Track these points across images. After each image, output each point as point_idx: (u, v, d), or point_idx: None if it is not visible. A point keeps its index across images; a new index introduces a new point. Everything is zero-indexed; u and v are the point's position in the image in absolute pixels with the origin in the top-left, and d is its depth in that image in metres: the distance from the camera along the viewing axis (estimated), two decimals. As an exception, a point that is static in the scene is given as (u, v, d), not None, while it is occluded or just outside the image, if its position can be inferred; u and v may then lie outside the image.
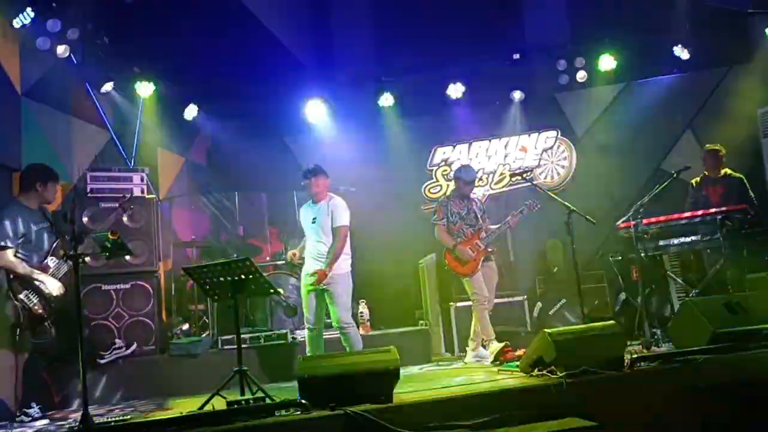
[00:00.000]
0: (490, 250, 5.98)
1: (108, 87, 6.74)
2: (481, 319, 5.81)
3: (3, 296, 4.65)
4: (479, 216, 6.07)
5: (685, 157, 6.69)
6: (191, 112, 7.90)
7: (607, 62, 7.91)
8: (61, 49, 6.04)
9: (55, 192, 5.04)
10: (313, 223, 5.46)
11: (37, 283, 4.68)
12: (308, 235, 5.53)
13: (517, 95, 8.36)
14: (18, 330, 4.62)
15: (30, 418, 4.55)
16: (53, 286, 4.73)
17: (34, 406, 4.62)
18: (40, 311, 4.68)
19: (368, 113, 8.35)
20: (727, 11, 7.39)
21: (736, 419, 3.91)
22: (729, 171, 6.34)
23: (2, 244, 4.61)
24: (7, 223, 4.66)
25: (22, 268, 4.65)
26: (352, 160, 7.72)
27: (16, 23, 5.59)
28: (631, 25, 7.71)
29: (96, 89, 6.75)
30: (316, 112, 8.27)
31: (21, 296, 4.63)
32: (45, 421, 4.56)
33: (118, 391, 5.56)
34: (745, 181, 6.28)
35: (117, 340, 5.42)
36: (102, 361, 5.39)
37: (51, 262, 4.81)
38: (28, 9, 5.57)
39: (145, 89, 7.10)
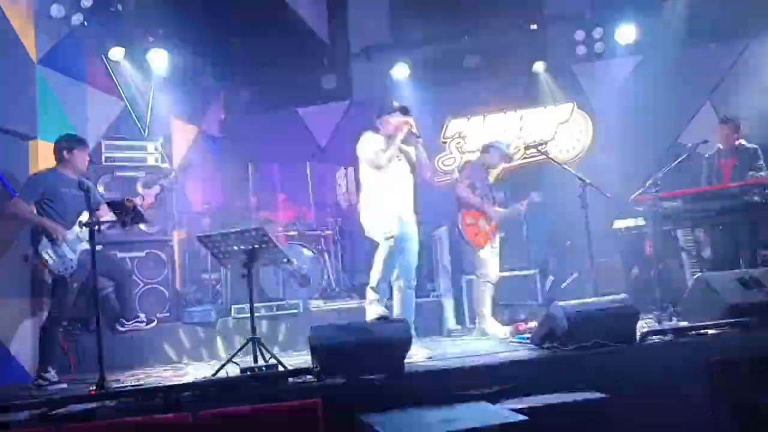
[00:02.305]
0: (500, 229, 5.95)
1: (117, 53, 6.71)
2: (480, 293, 5.83)
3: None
4: (490, 194, 6.06)
5: (704, 130, 6.58)
6: (205, 82, 7.89)
7: (625, 33, 7.76)
8: (75, 17, 6.03)
9: (84, 158, 5.07)
10: (399, 160, 4.98)
11: (43, 229, 4.72)
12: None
13: (539, 66, 8.20)
14: (37, 287, 4.73)
15: (47, 382, 4.64)
16: (54, 229, 4.75)
17: (51, 370, 4.71)
18: (60, 271, 4.74)
19: (382, 84, 8.28)
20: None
21: (747, 394, 3.90)
22: (743, 142, 6.22)
23: (17, 194, 4.78)
24: (32, 182, 4.86)
25: (31, 214, 4.74)
26: (365, 131, 7.67)
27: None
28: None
29: (110, 58, 6.74)
30: (329, 83, 8.22)
31: (42, 253, 4.70)
32: (62, 385, 4.65)
33: (134, 357, 5.66)
34: (759, 151, 6.15)
35: (139, 314, 5.51)
36: (121, 329, 5.48)
37: (78, 225, 4.85)
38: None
39: (158, 58, 7.09)
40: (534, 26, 8.04)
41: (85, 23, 6.19)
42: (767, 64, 7.49)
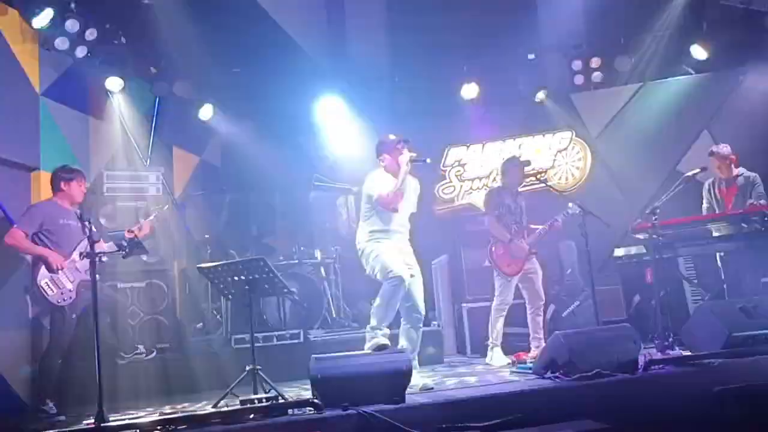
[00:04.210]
0: (534, 251, 5.87)
1: (119, 84, 6.73)
2: (493, 321, 5.78)
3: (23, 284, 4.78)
4: (524, 213, 5.99)
5: (702, 158, 6.62)
6: (206, 112, 7.95)
7: (623, 63, 7.85)
8: (80, 50, 6.12)
9: (81, 189, 5.10)
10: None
11: (42, 259, 4.73)
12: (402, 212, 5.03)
13: (541, 95, 8.25)
14: (36, 318, 4.72)
15: (46, 415, 4.60)
16: (54, 259, 4.75)
17: (50, 402, 4.67)
18: (59, 302, 4.73)
19: (382, 113, 8.34)
20: (744, 10, 7.31)
21: (750, 425, 3.87)
22: (743, 170, 6.23)
23: (15, 225, 4.81)
24: (31, 212, 4.89)
25: (29, 245, 4.76)
26: (365, 160, 7.71)
27: (36, 24, 5.66)
28: (647, 25, 7.66)
29: (112, 89, 6.81)
30: (330, 112, 8.29)
31: (41, 283, 4.70)
32: (61, 418, 4.60)
33: (133, 389, 5.60)
34: (759, 179, 6.15)
35: (138, 346, 5.49)
36: (121, 362, 5.46)
37: (77, 255, 4.84)
38: (48, 9, 5.66)
39: (160, 89, 7.17)
40: (532, 56, 8.13)
41: (89, 55, 6.27)
42: (764, 92, 7.54)
